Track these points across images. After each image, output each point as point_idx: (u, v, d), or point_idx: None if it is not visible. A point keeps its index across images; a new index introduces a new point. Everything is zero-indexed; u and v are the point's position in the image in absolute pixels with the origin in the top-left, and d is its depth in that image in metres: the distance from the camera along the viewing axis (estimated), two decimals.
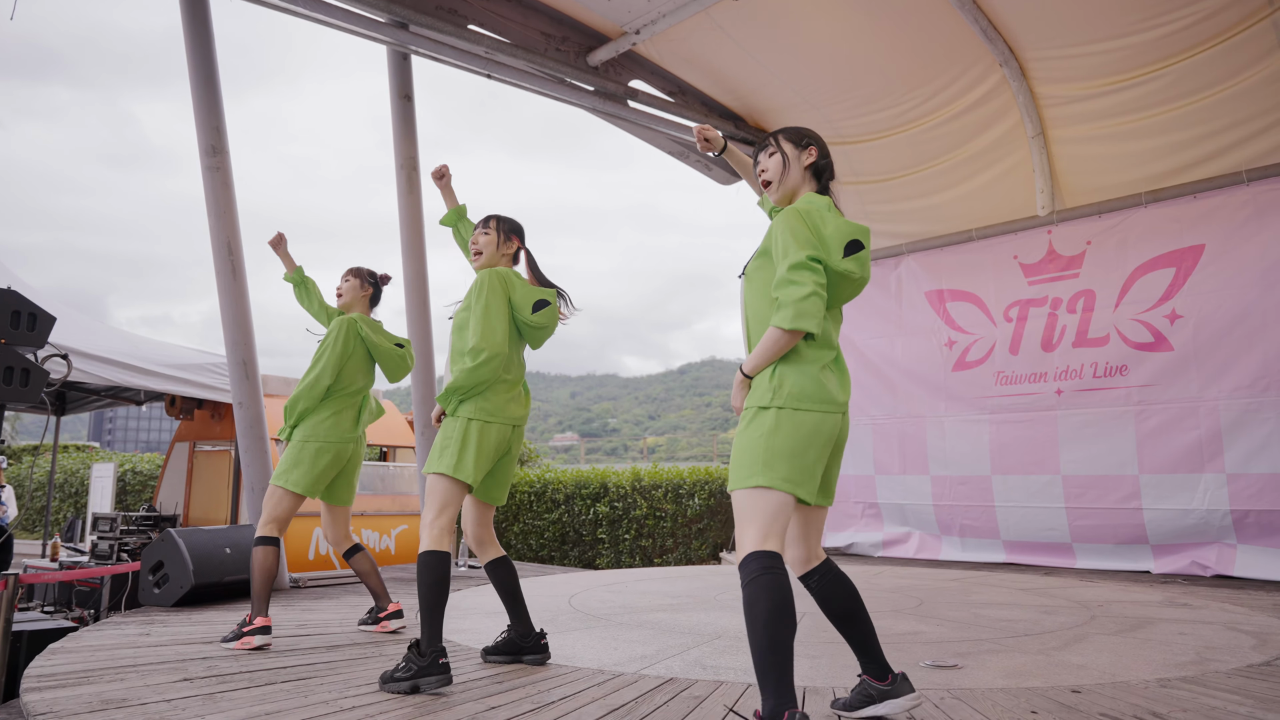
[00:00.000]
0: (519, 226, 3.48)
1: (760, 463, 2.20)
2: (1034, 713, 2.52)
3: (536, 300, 3.25)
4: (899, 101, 7.58)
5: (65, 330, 5.79)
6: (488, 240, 3.38)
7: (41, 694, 2.74)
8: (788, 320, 2.23)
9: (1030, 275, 7.60)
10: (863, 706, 2.44)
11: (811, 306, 2.23)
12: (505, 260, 3.42)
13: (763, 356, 2.29)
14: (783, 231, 2.34)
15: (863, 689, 2.45)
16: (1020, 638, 3.79)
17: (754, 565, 2.12)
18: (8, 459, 17.17)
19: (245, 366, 5.62)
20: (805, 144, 2.55)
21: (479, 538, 3.32)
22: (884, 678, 2.42)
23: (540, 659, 3.27)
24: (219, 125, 5.67)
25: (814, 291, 2.24)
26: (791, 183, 2.54)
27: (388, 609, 4.12)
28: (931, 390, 8.10)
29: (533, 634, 3.29)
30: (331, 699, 2.70)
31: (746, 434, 2.26)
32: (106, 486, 10.20)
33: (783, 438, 2.21)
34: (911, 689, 2.43)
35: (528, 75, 7.08)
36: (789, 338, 2.26)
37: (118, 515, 6.75)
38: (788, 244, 2.31)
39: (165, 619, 4.32)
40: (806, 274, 2.26)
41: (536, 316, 3.24)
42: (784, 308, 2.25)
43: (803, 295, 2.23)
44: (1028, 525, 7.31)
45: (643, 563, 9.25)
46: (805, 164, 2.54)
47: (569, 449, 52.43)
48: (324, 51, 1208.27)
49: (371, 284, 4.28)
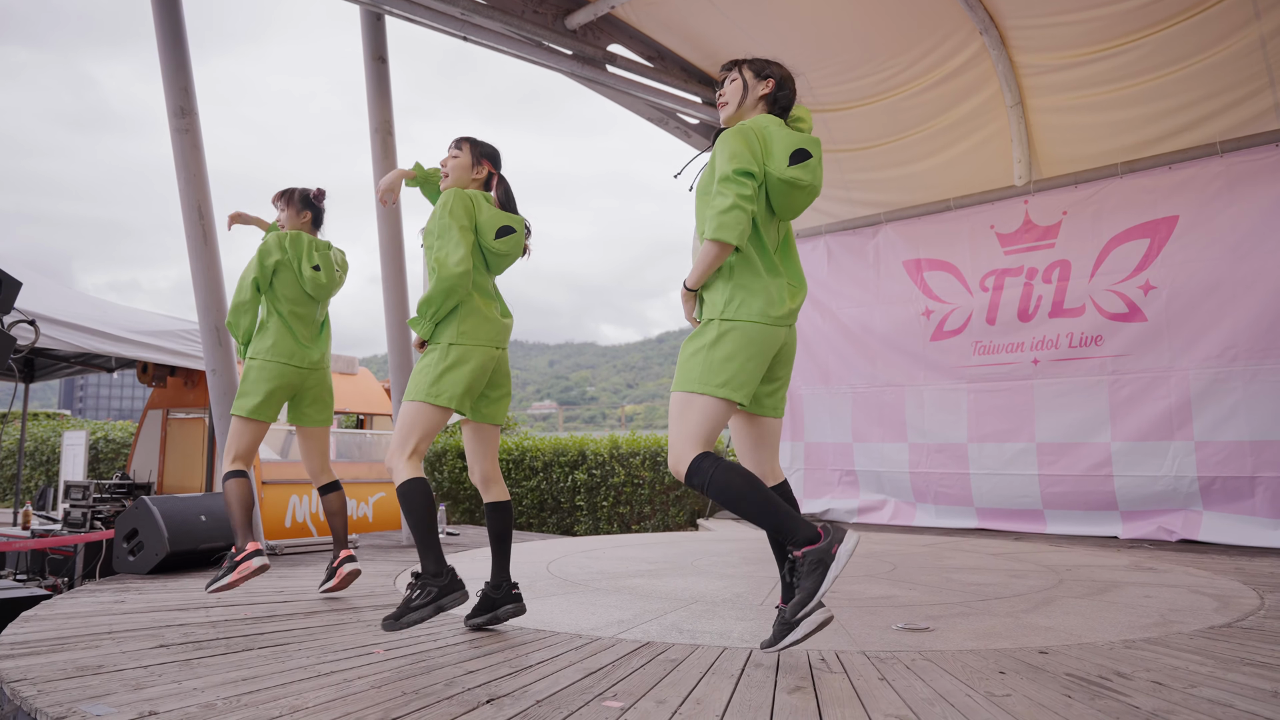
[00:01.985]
0: (493, 151, 3.34)
1: (701, 369, 2.35)
2: (1002, 673, 2.57)
3: (501, 225, 3.16)
4: (879, 69, 7.55)
5: (31, 295, 5.68)
6: (457, 163, 3.26)
7: (15, 661, 2.72)
8: (710, 230, 2.36)
9: (1007, 245, 7.65)
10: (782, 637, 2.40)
11: (731, 219, 2.33)
12: (476, 185, 3.29)
13: (699, 269, 2.41)
14: (720, 149, 2.44)
15: (782, 619, 2.43)
16: (990, 601, 3.87)
17: (705, 465, 2.31)
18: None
19: (218, 333, 5.55)
20: (765, 75, 2.64)
21: (485, 473, 3.23)
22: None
23: (516, 609, 3.19)
24: (187, 86, 5.54)
25: (735, 204, 2.33)
26: (744, 109, 2.63)
27: (340, 555, 4.04)
28: (910, 359, 8.16)
29: (506, 583, 3.21)
30: (309, 664, 2.71)
31: (692, 343, 2.43)
32: (79, 454, 10.08)
33: (723, 348, 2.35)
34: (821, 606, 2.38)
35: (504, 38, 6.96)
36: (716, 248, 2.37)
37: (90, 483, 6.69)
38: (721, 160, 2.42)
39: (141, 586, 4.30)
40: (731, 186, 2.35)
41: (499, 243, 3.15)
42: (709, 220, 2.37)
43: (724, 207, 2.34)
44: (1001, 492, 7.43)
45: (620, 530, 9.31)
46: (760, 94, 2.62)
47: (547, 417, 52.47)
48: (290, 13, 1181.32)
49: (305, 206, 4.12)
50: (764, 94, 2.62)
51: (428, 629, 3.26)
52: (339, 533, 4.10)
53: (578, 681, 2.50)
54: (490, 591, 3.22)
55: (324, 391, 4.09)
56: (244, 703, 2.26)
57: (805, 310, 8.93)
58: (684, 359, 2.44)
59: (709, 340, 2.39)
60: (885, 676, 2.54)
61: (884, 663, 2.71)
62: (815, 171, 2.45)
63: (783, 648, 2.40)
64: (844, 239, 8.76)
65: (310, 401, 4.05)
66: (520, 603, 3.24)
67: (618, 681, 2.50)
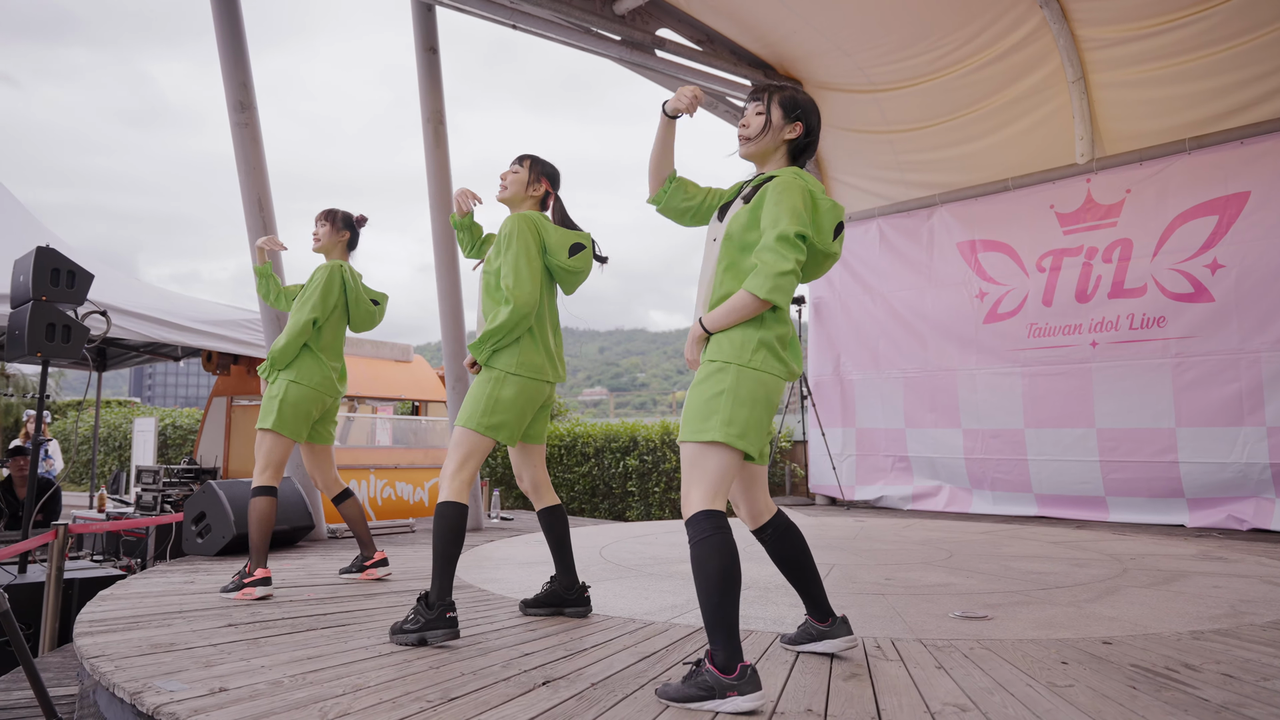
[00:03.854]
0: (553, 171, 3.30)
1: (721, 418, 2.19)
2: (1064, 663, 2.53)
3: (573, 244, 3.15)
4: (934, 47, 7.38)
5: (102, 287, 5.87)
6: (516, 178, 3.23)
7: (93, 638, 2.84)
8: (763, 290, 2.22)
9: (1066, 225, 7.44)
10: (804, 642, 2.65)
11: (788, 283, 2.25)
12: (532, 202, 3.25)
13: (729, 317, 2.28)
14: (779, 201, 2.29)
15: (806, 628, 2.65)
16: (1051, 590, 3.79)
17: (705, 525, 2.15)
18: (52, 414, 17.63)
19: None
20: (794, 117, 2.44)
21: (534, 481, 3.26)
22: (825, 619, 2.60)
23: (582, 611, 3.24)
24: (246, 81, 5.66)
25: (794, 270, 2.24)
26: (764, 148, 2.46)
27: (373, 558, 4.14)
28: (962, 343, 8.01)
29: (576, 586, 3.27)
30: (370, 644, 2.78)
31: (706, 387, 2.25)
32: (148, 440, 10.45)
33: (744, 395, 2.22)
34: (849, 632, 2.60)
35: (552, 25, 6.97)
36: (759, 305, 2.25)
37: (160, 468, 6.93)
38: (780, 214, 2.26)
39: (209, 568, 4.45)
40: (791, 251, 2.24)
41: (573, 261, 3.14)
42: (762, 276, 2.23)
43: (784, 270, 2.22)
44: (1060, 478, 7.27)
45: (673, 515, 9.33)
46: (786, 137, 2.45)
47: (598, 403, 52.70)
48: (339, 9, 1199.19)
49: (346, 227, 4.18)
50: (789, 139, 2.45)
51: (485, 612, 3.32)
52: (364, 538, 4.18)
53: (632, 665, 2.52)
54: (562, 591, 3.27)
55: (336, 411, 4.22)
56: (309, 681, 2.33)
57: (855, 293, 8.84)
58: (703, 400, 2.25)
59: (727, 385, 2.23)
60: (942, 665, 2.51)
61: (941, 651, 2.68)
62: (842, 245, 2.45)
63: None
64: (897, 221, 8.61)
65: (326, 421, 4.15)
66: (588, 605, 3.27)
67: (672, 666, 2.52)
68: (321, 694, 2.20)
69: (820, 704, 2.14)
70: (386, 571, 4.15)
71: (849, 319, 8.94)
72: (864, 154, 8.53)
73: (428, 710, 2.07)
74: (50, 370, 5.22)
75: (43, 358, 4.68)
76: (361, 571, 4.13)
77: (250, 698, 2.17)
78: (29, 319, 4.51)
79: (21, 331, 4.56)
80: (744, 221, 2.35)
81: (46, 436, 8.34)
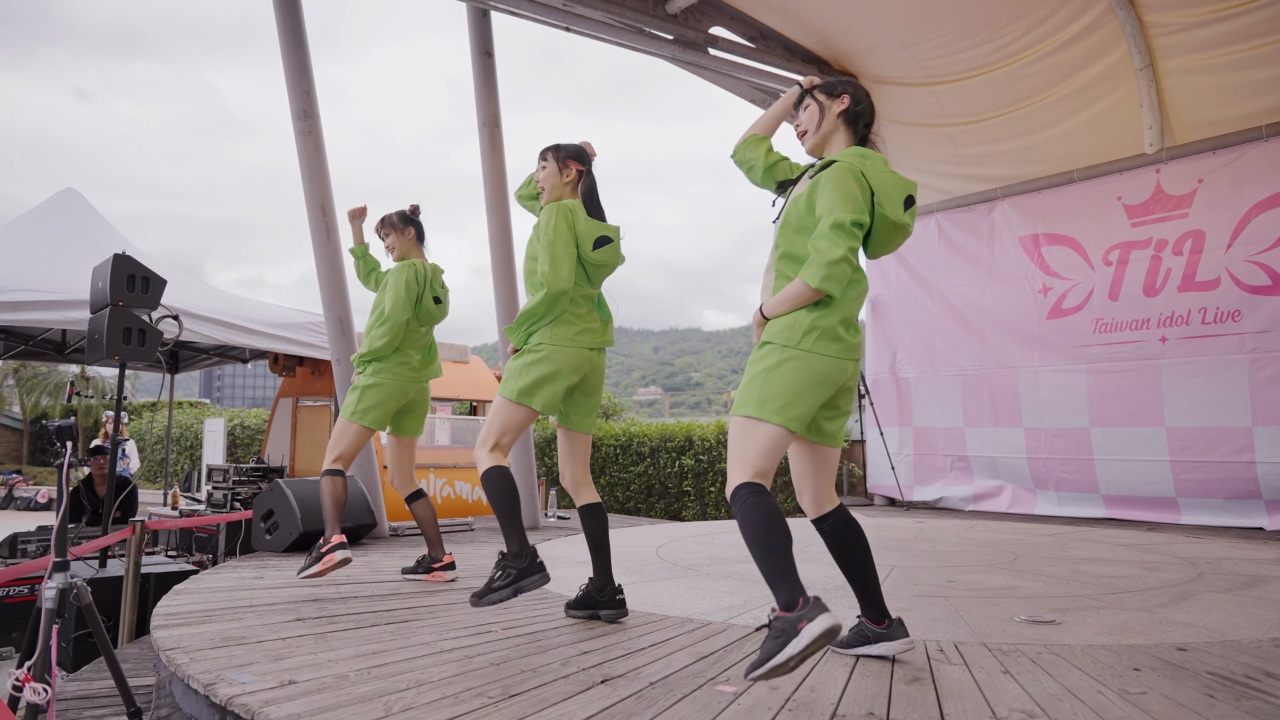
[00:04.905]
0: (577, 150, 3.30)
1: (759, 395, 2.26)
2: (1136, 670, 2.45)
3: (598, 236, 3.16)
4: (994, 37, 7.22)
5: (174, 292, 6.09)
6: (547, 174, 3.26)
7: (169, 631, 2.95)
8: (815, 279, 2.26)
9: (1134, 217, 7.21)
10: (858, 645, 2.58)
11: (840, 272, 2.26)
12: (569, 189, 3.27)
13: (784, 304, 2.34)
14: (834, 187, 2.33)
15: (860, 630, 2.59)
16: (1122, 594, 3.68)
17: (743, 493, 2.21)
18: (129, 415, 18.30)
19: (341, 324, 5.82)
20: (838, 93, 2.56)
21: (575, 478, 3.28)
22: (881, 621, 2.53)
23: (615, 615, 3.18)
24: (309, 89, 5.81)
25: (845, 257, 2.26)
26: (824, 133, 2.55)
27: (442, 560, 4.19)
28: (1024, 339, 7.82)
29: (610, 587, 3.22)
30: (432, 640, 2.83)
31: (752, 368, 2.35)
32: (218, 440, 10.81)
33: (785, 374, 2.26)
34: (906, 634, 2.53)
35: (605, 26, 7.00)
36: (812, 294, 2.29)
37: (229, 467, 7.16)
38: (834, 202, 2.31)
39: (277, 564, 4.58)
40: (844, 238, 2.27)
41: (597, 254, 3.16)
42: (815, 266, 2.27)
43: (836, 258, 2.25)
44: (1129, 479, 7.04)
45: (729, 515, 9.30)
46: (837, 111, 2.54)
47: (653, 403, 52.73)
48: (392, 18, 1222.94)
49: (406, 224, 4.28)
50: (841, 110, 2.54)
51: (542, 610, 3.36)
52: (433, 539, 4.24)
53: (690, 665, 2.52)
54: (594, 593, 3.23)
55: (425, 404, 4.29)
56: (374, 675, 2.38)
57: (912, 290, 8.69)
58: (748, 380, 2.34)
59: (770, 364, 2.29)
60: (1009, 670, 2.46)
61: (1007, 656, 2.62)
62: (914, 218, 2.47)
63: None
64: (956, 216, 8.45)
65: (411, 414, 4.23)
66: (623, 608, 3.22)
67: (730, 666, 2.51)
68: (386, 688, 2.25)
69: (882, 708, 2.11)
70: (453, 575, 4.18)
71: (905, 316, 8.79)
72: (922, 148, 8.38)
73: (489, 706, 2.10)
74: (126, 373, 5.42)
75: (120, 361, 4.86)
76: (429, 573, 4.17)
77: (318, 690, 2.23)
78: (107, 323, 4.70)
79: (100, 335, 4.75)
80: (801, 208, 2.40)
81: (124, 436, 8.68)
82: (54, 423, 2.66)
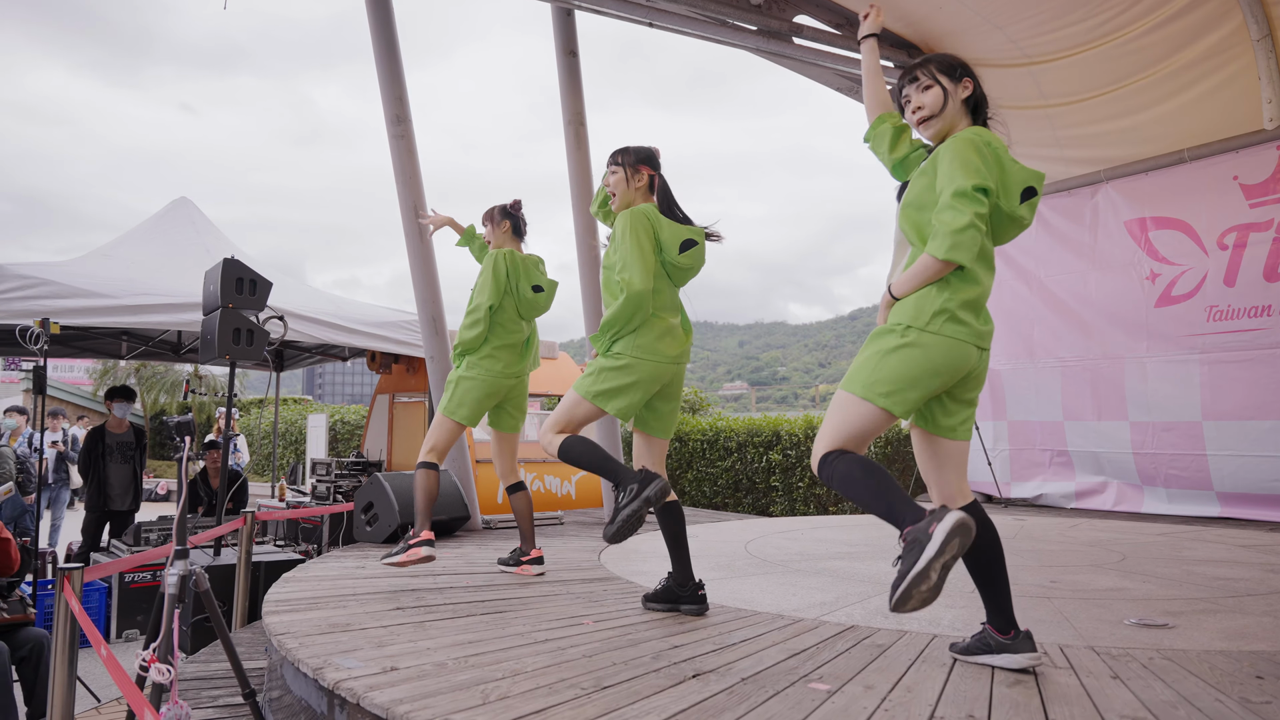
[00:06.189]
0: (648, 153, 3.28)
1: (866, 374, 2.22)
2: (1259, 678, 2.31)
3: (684, 240, 3.16)
4: (1094, 13, 6.88)
5: (278, 294, 6.36)
6: (618, 179, 3.25)
7: (280, 617, 3.10)
8: (942, 250, 2.18)
9: (1252, 197, 6.77)
10: (979, 654, 2.43)
11: (968, 239, 2.17)
12: (641, 194, 3.26)
13: (913, 281, 2.27)
14: (952, 158, 2.26)
15: (983, 637, 2.43)
16: (1241, 598, 3.48)
17: (831, 457, 2.20)
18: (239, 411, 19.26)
19: (435, 323, 5.99)
20: (960, 75, 2.43)
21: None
22: (1007, 631, 2.36)
23: (697, 610, 3.18)
24: (401, 95, 5.99)
25: (972, 223, 2.17)
26: (949, 120, 2.41)
27: (530, 554, 4.22)
28: (1130, 329, 7.45)
29: (690, 583, 3.22)
30: (526, 631, 2.89)
31: (870, 345, 2.30)
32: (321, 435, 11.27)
33: (901, 358, 2.20)
34: (1033, 648, 2.33)
35: (688, 20, 6.98)
36: (941, 266, 2.21)
37: (332, 461, 7.45)
38: (954, 171, 2.23)
39: (377, 554, 4.75)
40: (968, 204, 2.18)
41: (683, 257, 3.16)
42: (940, 236, 2.19)
43: (961, 226, 2.16)
44: (1248, 476, 6.63)
45: (817, 511, 9.18)
46: (962, 97, 2.42)
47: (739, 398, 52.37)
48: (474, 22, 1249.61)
49: (504, 218, 4.34)
50: (966, 96, 2.42)
51: (633, 604, 3.39)
52: (527, 532, 4.29)
53: (782, 661, 2.50)
54: (675, 588, 3.24)
55: (523, 399, 4.35)
56: (471, 664, 2.45)
57: (1006, 279, 8.39)
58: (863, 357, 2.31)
59: (887, 346, 2.24)
60: (1118, 675, 2.36)
61: (1116, 660, 2.51)
62: (1034, 210, 2.36)
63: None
64: (1056, 201, 8.10)
65: (510, 408, 4.31)
66: (704, 604, 3.21)
67: (823, 664, 2.48)
68: (483, 677, 2.31)
69: (983, 711, 2.06)
70: (541, 570, 4.21)
71: (999, 306, 8.47)
72: (1018, 131, 8.07)
73: (581, 697, 2.13)
74: (236, 371, 5.70)
75: (230, 360, 5.13)
76: (518, 566, 4.24)
77: (418, 677, 2.30)
78: (218, 324, 4.96)
79: (212, 336, 5.01)
80: (922, 185, 2.35)
81: (235, 432, 9.13)
82: (173, 419, 2.77)
